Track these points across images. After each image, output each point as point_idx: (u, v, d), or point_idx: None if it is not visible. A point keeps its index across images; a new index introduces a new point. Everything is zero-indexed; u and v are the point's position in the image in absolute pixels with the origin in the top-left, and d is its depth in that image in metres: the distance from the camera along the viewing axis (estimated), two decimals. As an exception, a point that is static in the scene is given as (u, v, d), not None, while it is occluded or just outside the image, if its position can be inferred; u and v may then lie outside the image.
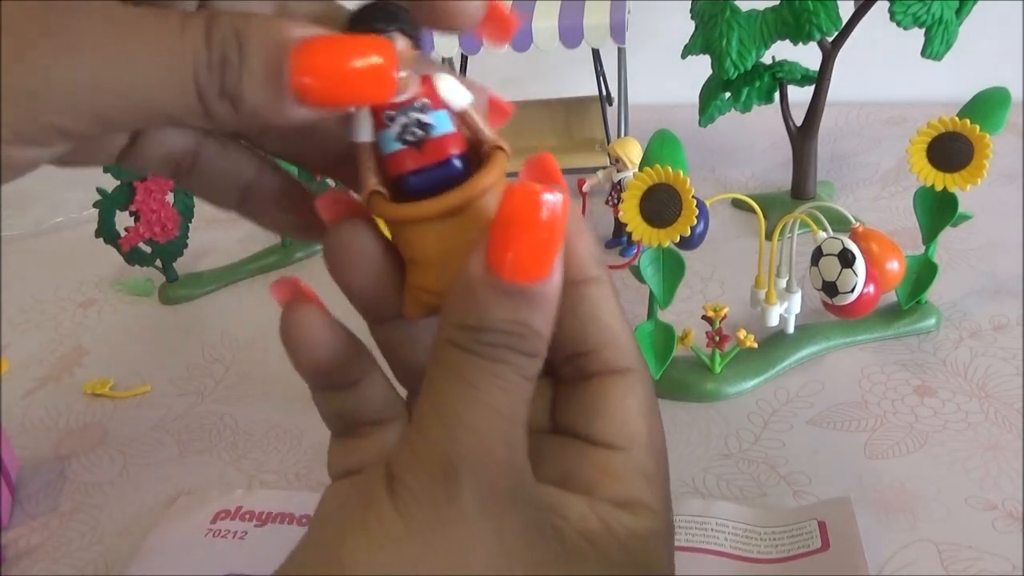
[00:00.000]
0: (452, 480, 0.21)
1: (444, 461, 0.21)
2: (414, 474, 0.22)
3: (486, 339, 0.21)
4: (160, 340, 0.64)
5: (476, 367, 0.21)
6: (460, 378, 0.21)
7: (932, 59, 0.61)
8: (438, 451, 0.21)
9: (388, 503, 0.22)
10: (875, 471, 0.46)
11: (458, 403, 0.21)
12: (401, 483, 0.22)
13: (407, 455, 0.22)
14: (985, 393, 0.51)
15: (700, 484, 0.47)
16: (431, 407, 0.22)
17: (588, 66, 0.74)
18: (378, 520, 0.22)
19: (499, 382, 0.21)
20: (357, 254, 0.24)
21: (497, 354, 0.21)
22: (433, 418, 0.22)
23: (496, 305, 0.21)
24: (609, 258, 0.67)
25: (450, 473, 0.21)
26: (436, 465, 0.21)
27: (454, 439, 0.21)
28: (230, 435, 0.54)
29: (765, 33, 0.62)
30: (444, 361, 0.22)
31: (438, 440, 0.21)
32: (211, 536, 0.45)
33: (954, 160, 0.50)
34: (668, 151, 0.48)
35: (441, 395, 0.22)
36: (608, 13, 0.67)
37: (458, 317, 0.21)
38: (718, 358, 0.52)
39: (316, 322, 0.25)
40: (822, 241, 0.49)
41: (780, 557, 0.41)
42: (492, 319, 0.21)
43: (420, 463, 0.22)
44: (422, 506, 0.21)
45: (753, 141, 0.81)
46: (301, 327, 0.25)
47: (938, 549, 0.42)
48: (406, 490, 0.22)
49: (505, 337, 0.21)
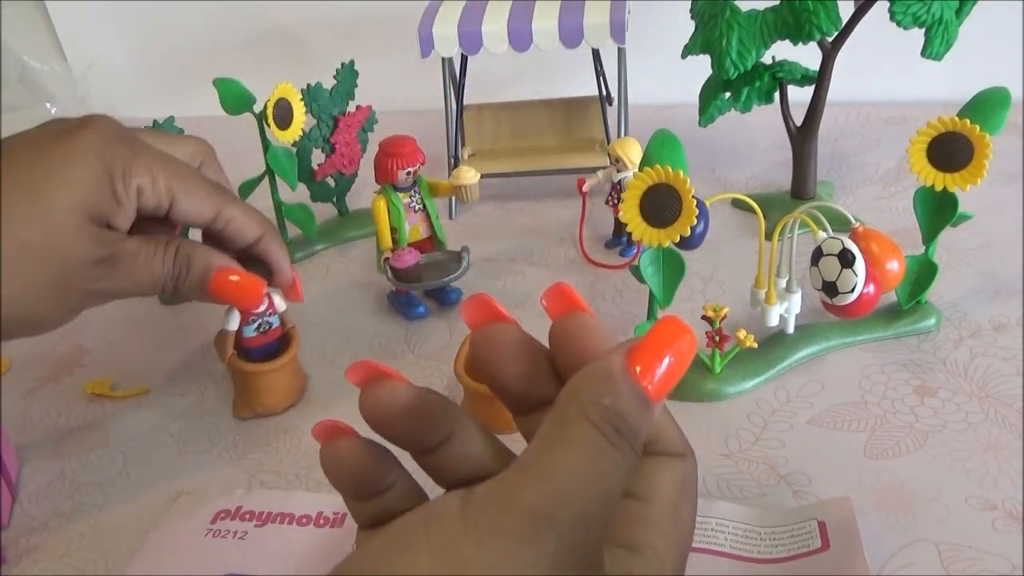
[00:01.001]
0: (541, 528, 0.22)
1: (537, 510, 0.22)
2: (501, 509, 0.23)
3: (617, 424, 0.24)
4: (160, 340, 0.64)
5: (598, 443, 0.24)
6: (581, 447, 0.23)
7: (932, 59, 0.61)
8: (534, 499, 0.23)
9: (459, 523, 0.23)
10: (875, 471, 0.46)
11: (571, 466, 0.23)
12: (479, 512, 0.23)
13: (500, 491, 0.23)
14: (985, 393, 0.51)
15: (700, 484, 0.46)
16: (539, 463, 0.24)
17: (588, 66, 0.74)
18: (441, 533, 0.23)
19: (611, 464, 0.24)
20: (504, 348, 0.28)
21: (619, 441, 0.24)
22: (540, 472, 0.23)
23: (630, 400, 0.24)
24: (609, 258, 0.67)
25: (541, 522, 0.22)
26: (526, 510, 0.23)
27: (557, 494, 0.23)
28: (230, 435, 0.54)
29: (765, 33, 0.62)
30: (569, 428, 0.24)
31: (539, 491, 0.23)
32: (211, 536, 0.45)
33: (954, 160, 0.50)
34: (668, 151, 0.48)
35: (554, 455, 0.23)
36: (608, 13, 0.67)
37: (595, 396, 0.24)
38: (718, 358, 0.52)
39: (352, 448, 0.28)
40: (822, 241, 0.49)
41: (780, 557, 0.41)
42: (626, 408, 0.24)
43: (512, 502, 0.23)
44: (497, 537, 0.22)
45: (753, 141, 0.81)
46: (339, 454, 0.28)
47: (938, 549, 0.42)
48: (484, 519, 0.23)
49: (628, 429, 0.24)
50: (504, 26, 0.68)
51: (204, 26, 0.98)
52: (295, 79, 0.66)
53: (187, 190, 0.43)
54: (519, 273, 0.67)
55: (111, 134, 0.41)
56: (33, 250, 0.38)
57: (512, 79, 0.89)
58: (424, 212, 0.62)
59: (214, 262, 0.43)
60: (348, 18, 0.95)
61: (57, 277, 0.39)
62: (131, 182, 0.41)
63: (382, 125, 0.71)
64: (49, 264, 0.38)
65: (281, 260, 0.47)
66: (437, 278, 0.60)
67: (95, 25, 1.01)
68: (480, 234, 0.72)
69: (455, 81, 0.75)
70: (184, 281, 0.43)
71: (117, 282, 0.41)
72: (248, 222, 0.45)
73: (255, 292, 0.45)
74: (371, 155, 0.62)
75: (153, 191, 0.41)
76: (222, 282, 0.43)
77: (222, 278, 0.43)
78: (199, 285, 0.43)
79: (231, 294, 0.44)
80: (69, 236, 0.39)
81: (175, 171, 0.43)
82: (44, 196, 0.38)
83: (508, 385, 0.28)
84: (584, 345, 0.27)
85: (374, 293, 0.56)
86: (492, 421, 0.51)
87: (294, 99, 0.65)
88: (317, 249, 0.72)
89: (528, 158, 0.76)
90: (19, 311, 0.39)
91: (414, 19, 0.69)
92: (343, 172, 0.72)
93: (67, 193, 0.39)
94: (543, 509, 0.22)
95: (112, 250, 0.40)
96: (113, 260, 0.40)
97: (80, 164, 0.39)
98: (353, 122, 0.70)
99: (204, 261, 0.43)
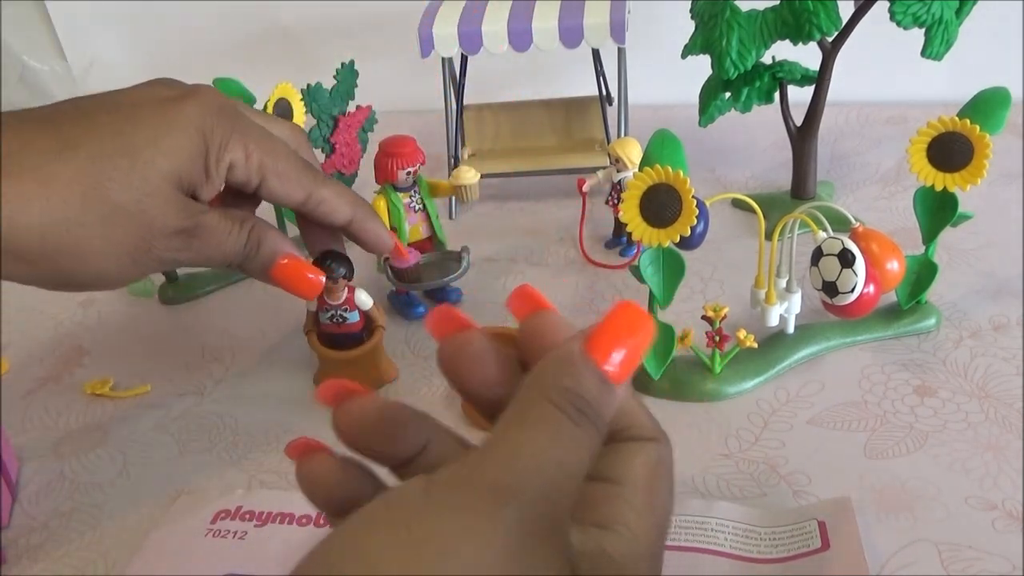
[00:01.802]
0: (501, 502, 0.22)
1: (498, 484, 0.23)
2: (462, 486, 0.23)
3: (578, 404, 0.24)
4: (160, 340, 0.64)
5: (559, 421, 0.24)
6: (542, 425, 0.24)
7: (932, 59, 0.61)
8: (495, 474, 0.23)
9: (421, 501, 0.23)
10: (875, 471, 0.46)
11: (532, 443, 0.24)
12: (440, 489, 0.23)
13: (462, 471, 0.23)
14: (985, 393, 0.51)
15: (700, 484, 0.47)
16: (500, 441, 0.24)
17: (588, 66, 0.74)
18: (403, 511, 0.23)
19: (573, 440, 0.24)
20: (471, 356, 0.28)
21: (581, 420, 0.24)
22: (501, 449, 0.24)
23: (590, 381, 0.25)
24: (609, 258, 0.67)
25: (501, 495, 0.23)
26: (487, 484, 0.23)
27: (518, 469, 0.23)
28: (230, 435, 0.54)
29: (765, 33, 0.62)
30: (531, 409, 0.24)
31: (500, 466, 0.23)
32: (211, 536, 0.45)
33: (954, 160, 0.50)
34: (668, 151, 0.48)
35: (516, 434, 0.24)
36: (608, 13, 0.67)
37: (555, 379, 0.25)
38: (718, 358, 0.52)
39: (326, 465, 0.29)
40: (822, 241, 0.49)
41: (780, 557, 0.41)
42: (587, 388, 0.25)
43: (473, 478, 0.23)
44: (458, 512, 0.22)
45: (753, 141, 0.81)
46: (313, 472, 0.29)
47: (938, 549, 0.42)
48: (445, 495, 0.23)
49: (590, 409, 0.25)
50: (504, 26, 0.68)
51: (204, 26, 0.98)
52: (295, 79, 0.66)
53: (279, 170, 0.43)
54: (519, 273, 0.67)
55: (215, 106, 0.41)
56: (123, 212, 0.38)
57: (512, 79, 0.89)
58: (424, 212, 0.62)
59: (281, 248, 0.45)
60: (348, 18, 0.95)
61: (140, 241, 0.39)
62: (224, 156, 0.41)
63: (382, 125, 0.71)
64: (135, 228, 0.39)
65: (376, 235, 0.48)
66: (437, 278, 0.60)
67: (95, 25, 1.01)
68: (480, 234, 0.72)
69: (455, 81, 0.75)
70: (251, 261, 0.44)
71: (192, 253, 0.41)
72: (339, 204, 0.46)
73: (312, 287, 0.46)
74: (371, 155, 0.62)
75: (245, 167, 0.42)
76: (284, 270, 0.45)
77: (285, 267, 0.45)
78: (263, 268, 0.44)
79: (290, 283, 0.45)
80: (159, 204, 0.39)
81: (270, 149, 0.43)
82: (142, 161, 0.39)
83: (476, 390, 0.28)
84: (550, 340, 0.27)
85: (374, 293, 0.56)
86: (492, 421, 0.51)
87: (294, 99, 0.65)
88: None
89: (528, 158, 0.76)
90: (96, 268, 0.39)
91: (414, 19, 0.69)
92: (343, 172, 0.72)
93: (163, 161, 0.39)
94: (503, 482, 0.23)
95: (195, 221, 0.41)
96: (194, 232, 0.41)
97: (181, 133, 0.40)
98: (353, 122, 0.70)
99: (273, 246, 0.44)
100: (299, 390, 0.57)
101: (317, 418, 0.29)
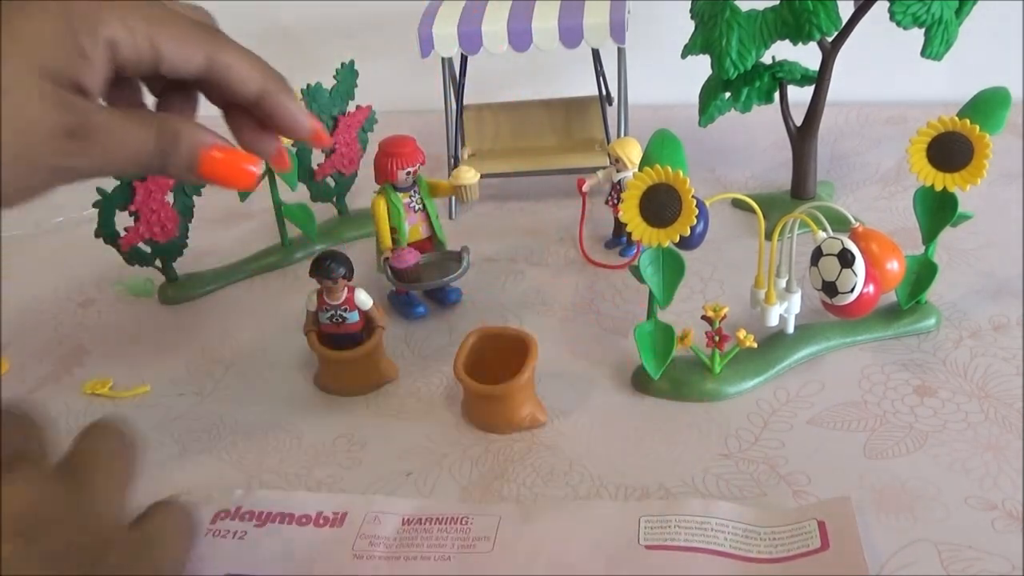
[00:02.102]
0: None
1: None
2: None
3: None
4: (160, 340, 0.64)
5: None
6: None
7: (932, 59, 0.61)
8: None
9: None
10: (875, 471, 0.46)
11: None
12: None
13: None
14: (985, 393, 0.51)
15: (700, 484, 0.47)
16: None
17: (588, 66, 0.74)
18: None
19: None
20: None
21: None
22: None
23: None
24: (609, 258, 0.67)
25: None
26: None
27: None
28: (230, 435, 0.54)
29: (765, 33, 0.62)
30: None
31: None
32: (211, 536, 0.45)
33: (954, 160, 0.50)
34: (668, 151, 0.48)
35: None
36: (608, 13, 0.67)
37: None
38: (718, 358, 0.52)
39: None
40: (822, 241, 0.49)
41: (780, 557, 0.41)
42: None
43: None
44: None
45: (753, 141, 0.81)
46: None
47: (938, 549, 0.42)
48: None
49: None
50: (504, 26, 0.68)
51: (204, 26, 0.98)
52: (295, 79, 0.66)
53: (172, 33, 0.38)
54: (519, 273, 0.67)
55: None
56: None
57: (512, 79, 0.89)
58: (424, 212, 0.62)
59: (203, 139, 0.39)
60: (348, 18, 0.95)
61: (22, 149, 0.35)
62: (99, 33, 0.36)
63: (382, 125, 0.71)
64: (11, 133, 0.34)
65: (293, 112, 0.42)
66: (437, 278, 0.60)
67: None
68: (480, 234, 0.72)
69: (455, 81, 0.75)
70: (170, 161, 0.38)
71: (91, 159, 0.36)
72: (248, 70, 0.40)
73: (248, 177, 0.40)
74: (371, 155, 0.62)
75: (131, 42, 0.37)
76: (213, 163, 0.39)
77: (213, 159, 0.39)
78: (188, 166, 0.39)
79: (223, 176, 0.40)
80: (32, 99, 0.34)
81: (155, 17, 0.38)
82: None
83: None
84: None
85: (374, 293, 0.56)
86: (492, 421, 0.51)
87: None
88: (317, 249, 0.72)
89: (528, 158, 0.76)
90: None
91: (414, 19, 0.69)
92: (343, 172, 0.72)
93: (22, 48, 0.35)
94: None
95: (83, 120, 0.36)
96: (85, 132, 0.36)
97: (37, 18, 0.35)
98: (353, 122, 0.71)
99: (192, 138, 0.38)
100: (299, 390, 0.57)
101: (317, 418, 0.29)
